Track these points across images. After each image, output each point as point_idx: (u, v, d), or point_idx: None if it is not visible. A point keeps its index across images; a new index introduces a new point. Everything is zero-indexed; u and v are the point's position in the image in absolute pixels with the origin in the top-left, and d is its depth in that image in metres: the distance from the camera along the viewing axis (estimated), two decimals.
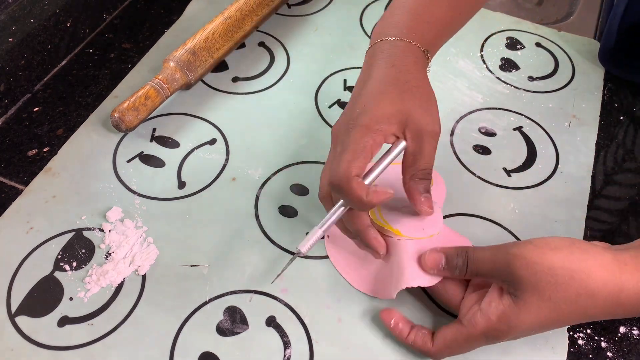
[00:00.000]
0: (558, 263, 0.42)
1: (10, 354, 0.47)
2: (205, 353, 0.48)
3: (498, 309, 0.44)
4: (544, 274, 0.42)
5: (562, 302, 0.42)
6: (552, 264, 0.42)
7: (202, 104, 0.66)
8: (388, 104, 0.48)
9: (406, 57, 0.50)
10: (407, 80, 0.49)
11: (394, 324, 0.49)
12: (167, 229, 0.55)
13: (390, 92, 0.48)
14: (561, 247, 0.44)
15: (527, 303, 0.43)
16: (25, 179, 0.58)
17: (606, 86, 0.71)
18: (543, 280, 0.42)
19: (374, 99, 0.48)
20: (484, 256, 0.46)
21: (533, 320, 0.43)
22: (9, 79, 0.63)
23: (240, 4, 0.69)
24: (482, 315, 0.45)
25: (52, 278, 0.52)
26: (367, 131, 0.47)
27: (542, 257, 0.43)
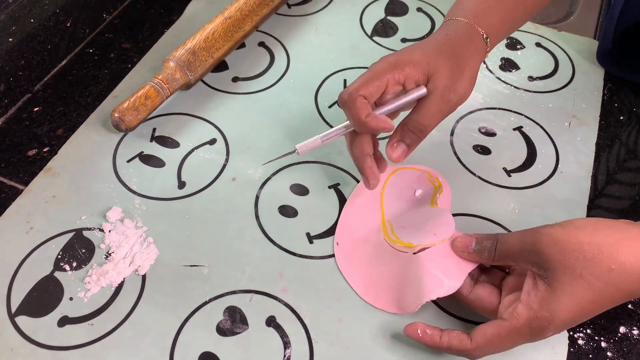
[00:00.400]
0: (585, 239, 0.43)
1: (10, 354, 0.47)
2: (205, 353, 0.48)
3: (537, 297, 0.43)
4: (571, 251, 0.42)
5: (595, 278, 0.42)
6: (578, 239, 0.43)
7: (202, 104, 0.66)
8: (421, 53, 0.50)
9: (462, 33, 0.53)
10: (451, 46, 0.52)
11: (422, 333, 0.47)
12: (167, 229, 0.55)
13: (430, 46, 0.51)
14: (586, 225, 0.44)
15: (560, 283, 0.42)
16: (25, 179, 0.58)
17: (606, 86, 0.71)
18: (571, 257, 0.42)
19: (412, 47, 0.52)
20: (512, 238, 0.47)
21: (571, 303, 0.43)
22: (9, 79, 0.63)
23: (240, 4, 0.69)
24: (523, 305, 0.44)
25: (52, 278, 0.52)
26: (389, 66, 0.50)
27: (568, 234, 0.43)
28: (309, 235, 0.56)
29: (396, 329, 0.50)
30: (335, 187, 0.60)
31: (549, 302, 0.43)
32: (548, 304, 0.43)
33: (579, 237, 0.43)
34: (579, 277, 0.42)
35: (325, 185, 0.60)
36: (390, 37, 0.76)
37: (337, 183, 0.60)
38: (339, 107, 0.52)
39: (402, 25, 0.77)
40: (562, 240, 0.43)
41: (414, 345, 0.50)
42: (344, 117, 0.66)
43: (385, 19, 0.78)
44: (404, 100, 0.51)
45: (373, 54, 0.73)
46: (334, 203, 0.59)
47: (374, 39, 0.75)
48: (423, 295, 0.48)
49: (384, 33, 0.76)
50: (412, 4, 0.80)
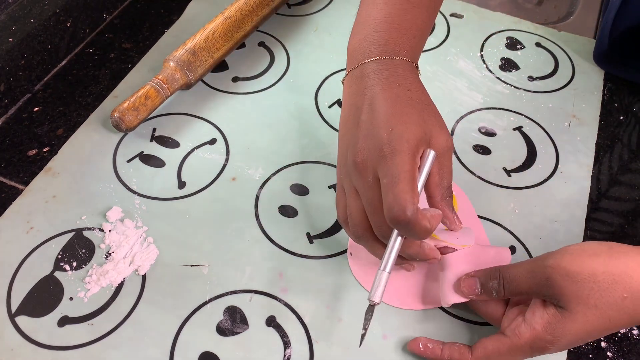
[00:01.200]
0: (599, 269, 0.42)
1: (10, 354, 0.47)
2: (205, 353, 0.48)
3: (543, 319, 0.43)
4: (586, 282, 0.42)
5: (608, 307, 0.41)
6: (592, 270, 0.42)
7: (202, 104, 0.66)
8: (415, 126, 0.45)
9: (407, 75, 0.48)
10: (419, 99, 0.47)
11: (423, 347, 0.47)
12: (167, 229, 0.55)
13: (411, 113, 0.46)
14: (599, 253, 0.43)
15: (572, 313, 0.42)
16: (25, 179, 0.58)
17: (606, 86, 0.71)
18: (586, 288, 0.42)
19: (399, 122, 0.45)
20: (519, 274, 0.45)
21: (580, 330, 0.42)
22: (9, 79, 0.63)
23: (240, 4, 0.69)
24: (526, 325, 0.44)
25: (52, 278, 0.52)
26: (409, 156, 0.44)
27: (581, 265, 0.42)
28: (309, 235, 0.56)
29: (396, 329, 0.50)
30: (335, 187, 0.60)
31: (555, 327, 0.43)
32: (554, 329, 0.43)
33: (593, 266, 0.42)
34: (593, 307, 0.42)
35: (325, 185, 0.60)
36: None
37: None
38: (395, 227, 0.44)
39: None
40: (574, 272, 0.42)
41: None
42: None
43: None
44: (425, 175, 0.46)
45: None
46: (334, 203, 0.58)
47: None
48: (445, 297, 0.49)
49: None
50: None
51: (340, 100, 0.68)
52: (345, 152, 0.48)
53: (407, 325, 0.51)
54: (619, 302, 0.41)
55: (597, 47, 0.72)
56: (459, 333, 0.50)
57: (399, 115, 0.45)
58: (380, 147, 0.44)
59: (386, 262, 0.45)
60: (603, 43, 0.71)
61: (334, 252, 0.55)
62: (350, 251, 0.55)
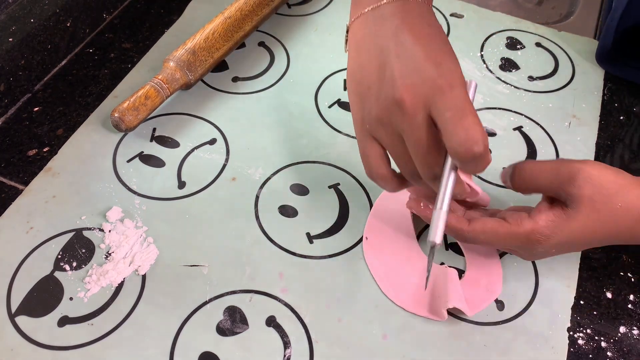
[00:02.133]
0: (610, 177, 0.46)
1: (10, 354, 0.47)
2: (205, 353, 0.48)
3: (547, 216, 0.46)
4: (600, 187, 0.45)
5: (607, 213, 0.45)
6: (607, 177, 0.46)
7: (202, 104, 0.66)
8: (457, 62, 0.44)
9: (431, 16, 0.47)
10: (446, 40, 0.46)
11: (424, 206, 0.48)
12: (167, 229, 0.55)
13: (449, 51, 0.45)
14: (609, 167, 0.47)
15: (577, 212, 0.45)
16: (25, 179, 0.58)
17: (606, 86, 0.71)
18: (598, 192, 0.45)
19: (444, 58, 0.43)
20: (544, 167, 0.47)
21: (576, 230, 0.45)
22: (9, 79, 0.63)
23: (240, 4, 0.69)
24: (529, 219, 0.46)
25: (52, 278, 0.52)
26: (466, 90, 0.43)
27: (599, 171, 0.46)
28: (309, 235, 0.56)
29: (396, 329, 0.50)
30: (335, 187, 0.60)
31: (557, 225, 0.45)
32: (555, 225, 0.45)
33: (607, 175, 0.46)
34: (596, 211, 0.45)
35: (325, 185, 0.60)
36: None
37: (337, 183, 0.60)
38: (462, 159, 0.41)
39: None
40: (595, 176, 0.45)
41: (414, 345, 0.50)
42: (344, 117, 0.66)
43: None
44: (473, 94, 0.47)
45: None
46: (334, 203, 0.59)
47: None
48: (446, 303, 0.49)
49: None
50: None
51: (340, 99, 0.68)
52: (374, 98, 0.45)
53: (408, 325, 0.51)
54: (615, 209, 0.45)
55: (600, 47, 0.72)
56: (459, 333, 0.50)
57: (441, 52, 0.44)
58: (434, 81, 0.42)
59: (442, 200, 0.44)
60: (606, 43, 0.71)
61: (334, 252, 0.55)
62: (367, 235, 0.55)
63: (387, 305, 0.52)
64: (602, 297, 0.54)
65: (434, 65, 0.42)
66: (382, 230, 0.56)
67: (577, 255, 0.56)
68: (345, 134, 0.64)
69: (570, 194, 0.46)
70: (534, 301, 0.53)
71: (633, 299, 0.54)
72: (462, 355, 0.49)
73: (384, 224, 0.56)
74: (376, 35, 0.46)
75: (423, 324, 0.51)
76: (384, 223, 0.56)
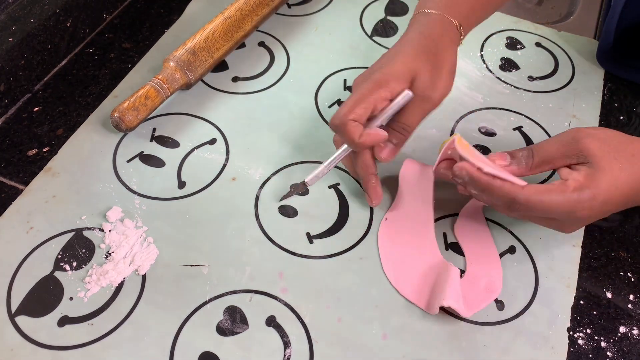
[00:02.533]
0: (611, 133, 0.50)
1: (10, 353, 0.47)
2: (205, 353, 0.48)
3: (581, 174, 0.48)
4: (605, 142, 0.49)
5: (625, 160, 0.48)
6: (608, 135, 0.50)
7: (202, 104, 0.66)
8: (400, 63, 0.53)
9: (435, 27, 0.55)
10: (427, 45, 0.54)
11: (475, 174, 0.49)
12: (167, 229, 0.55)
13: (407, 52, 0.54)
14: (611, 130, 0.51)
15: (600, 164, 0.48)
16: (25, 179, 0.58)
17: (606, 86, 0.71)
18: (606, 145, 0.48)
19: (390, 58, 0.54)
20: (547, 143, 0.51)
21: (610, 180, 0.47)
22: (9, 79, 0.63)
23: (240, 4, 0.69)
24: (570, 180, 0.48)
25: (52, 278, 0.52)
26: (375, 85, 0.52)
27: (598, 130, 0.51)
28: (309, 235, 0.56)
29: (396, 329, 0.50)
30: (335, 187, 0.60)
31: (593, 176, 0.47)
32: (592, 177, 0.47)
33: (608, 133, 0.50)
34: (613, 160, 0.48)
35: (325, 185, 0.60)
36: (390, 37, 0.76)
37: (337, 183, 0.60)
38: (332, 130, 0.54)
39: (402, 25, 0.77)
40: (596, 134, 0.49)
41: (414, 345, 0.50)
42: None
43: (385, 19, 0.78)
44: (393, 110, 0.54)
45: (373, 54, 0.73)
46: (334, 203, 0.59)
47: (374, 39, 0.75)
48: (440, 301, 0.50)
49: (384, 33, 0.76)
50: (412, 4, 0.80)
51: (340, 99, 0.68)
52: None
53: (408, 325, 0.51)
54: (631, 157, 0.48)
55: (601, 47, 0.72)
56: (459, 333, 0.50)
57: (395, 54, 0.54)
58: (365, 77, 0.54)
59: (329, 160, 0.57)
60: (607, 42, 0.71)
61: (334, 252, 0.55)
62: (387, 216, 0.57)
63: (387, 305, 0.52)
64: (602, 297, 0.54)
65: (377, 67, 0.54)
66: (403, 216, 0.57)
67: (577, 255, 0.56)
68: None
69: (582, 153, 0.49)
70: (534, 301, 0.53)
71: (633, 298, 0.54)
72: (462, 355, 0.49)
73: (405, 211, 0.57)
74: None
75: (423, 324, 0.51)
76: (406, 210, 0.57)
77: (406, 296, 0.52)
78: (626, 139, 0.50)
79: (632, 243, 0.58)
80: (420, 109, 0.54)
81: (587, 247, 0.57)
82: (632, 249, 0.57)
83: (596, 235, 0.58)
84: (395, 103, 0.54)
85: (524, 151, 0.52)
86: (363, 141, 0.52)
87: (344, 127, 0.52)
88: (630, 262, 0.56)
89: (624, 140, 0.50)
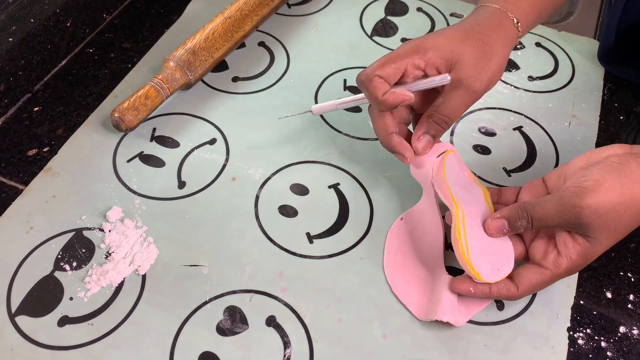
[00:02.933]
0: (616, 200, 0.46)
1: (10, 353, 0.47)
2: (205, 353, 0.48)
3: (576, 249, 0.48)
4: (608, 214, 0.46)
5: (624, 229, 0.48)
6: (612, 203, 0.46)
7: (202, 103, 0.66)
8: (444, 39, 0.51)
9: (492, 18, 0.53)
10: (479, 31, 0.52)
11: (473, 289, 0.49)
12: (167, 228, 0.55)
13: (455, 32, 0.52)
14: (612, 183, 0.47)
15: (599, 240, 0.47)
16: (25, 179, 0.58)
17: (606, 86, 0.71)
18: (609, 218, 0.47)
19: (436, 33, 0.52)
20: (548, 212, 0.48)
21: (604, 250, 0.48)
22: (9, 78, 0.63)
23: (240, 4, 0.69)
24: (563, 257, 0.48)
25: (52, 278, 0.52)
26: (410, 50, 0.51)
27: (603, 200, 0.46)
28: (309, 235, 0.56)
29: (396, 329, 0.50)
30: (335, 187, 0.60)
31: (587, 253, 0.48)
32: (586, 255, 0.48)
33: (611, 199, 0.46)
34: (613, 232, 0.47)
35: (325, 185, 0.60)
36: (390, 37, 0.76)
37: (337, 183, 0.60)
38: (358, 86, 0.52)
39: (402, 25, 0.77)
40: (599, 207, 0.46)
41: (414, 345, 0.50)
42: (344, 117, 0.66)
43: (385, 19, 0.78)
44: (424, 82, 0.52)
45: (373, 54, 0.73)
46: (334, 203, 0.59)
47: (374, 38, 0.75)
48: (435, 313, 0.49)
49: (384, 33, 0.76)
50: (412, 4, 0.80)
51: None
52: None
53: (408, 326, 0.51)
54: (630, 222, 0.48)
55: (602, 46, 0.72)
56: (459, 333, 0.50)
57: (444, 30, 0.53)
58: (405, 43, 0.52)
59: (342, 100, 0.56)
60: (608, 42, 0.71)
61: (334, 252, 0.55)
62: (403, 216, 0.57)
63: (387, 305, 0.52)
64: (602, 297, 0.54)
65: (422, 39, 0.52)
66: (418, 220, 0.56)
67: None
68: (345, 134, 0.64)
69: (583, 230, 0.47)
70: (534, 301, 0.53)
71: (633, 298, 0.54)
72: (462, 355, 0.49)
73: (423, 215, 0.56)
74: None
75: (423, 323, 0.51)
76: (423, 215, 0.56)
77: (397, 295, 0.52)
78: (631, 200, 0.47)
79: (632, 241, 0.58)
80: (463, 102, 0.52)
81: None
82: (632, 249, 0.57)
83: None
84: (430, 80, 0.51)
85: (523, 221, 0.49)
86: (386, 98, 0.50)
87: (369, 82, 0.50)
88: (630, 262, 0.56)
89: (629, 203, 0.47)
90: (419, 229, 0.56)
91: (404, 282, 0.53)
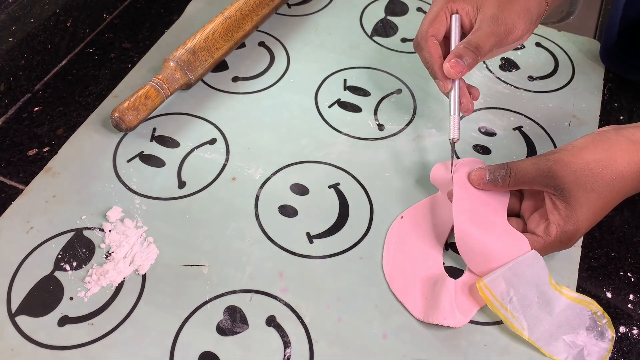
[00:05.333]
0: (590, 157, 0.49)
1: (10, 353, 0.47)
2: (205, 353, 0.48)
3: (561, 215, 0.50)
4: (581, 170, 0.49)
5: (603, 188, 0.49)
6: (585, 159, 0.49)
7: (202, 103, 0.66)
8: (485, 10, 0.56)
9: None
10: None
11: None
12: (167, 228, 0.55)
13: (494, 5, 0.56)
14: (587, 144, 0.50)
15: (576, 199, 0.49)
16: (25, 179, 0.58)
17: (606, 86, 0.71)
18: (582, 175, 0.49)
19: None
20: (525, 165, 0.51)
21: (589, 213, 0.49)
22: (9, 78, 0.63)
23: (240, 4, 0.69)
24: (552, 224, 0.50)
25: (52, 278, 0.52)
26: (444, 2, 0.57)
27: (575, 157, 0.49)
28: (309, 235, 0.56)
29: (396, 329, 0.50)
30: (335, 187, 0.60)
31: (571, 217, 0.49)
32: (570, 218, 0.49)
33: (585, 157, 0.49)
34: (590, 191, 0.49)
35: (325, 185, 0.60)
36: (390, 37, 0.76)
37: (337, 183, 0.60)
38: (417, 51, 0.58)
39: (402, 25, 0.77)
40: (572, 162, 0.49)
41: (414, 345, 0.50)
42: (344, 117, 0.66)
43: (385, 18, 0.78)
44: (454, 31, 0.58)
45: (373, 54, 0.73)
46: (334, 203, 0.59)
47: (374, 38, 0.75)
48: (437, 317, 0.50)
49: (384, 33, 0.76)
50: (412, 4, 0.80)
51: (339, 99, 0.68)
52: None
53: (408, 325, 0.51)
54: (610, 182, 0.49)
55: (604, 44, 0.72)
56: (459, 333, 0.50)
57: None
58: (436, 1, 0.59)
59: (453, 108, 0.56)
60: (610, 39, 0.71)
61: (334, 252, 0.55)
62: (403, 215, 0.57)
63: (387, 305, 0.52)
64: (602, 297, 0.54)
65: None
66: (420, 218, 0.57)
67: (577, 255, 0.56)
68: (345, 134, 0.65)
69: (556, 187, 0.49)
70: None
71: (633, 298, 0.54)
72: (462, 355, 0.49)
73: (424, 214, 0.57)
74: None
75: (423, 323, 0.51)
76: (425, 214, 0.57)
77: (395, 292, 0.52)
78: (608, 159, 0.49)
79: (632, 243, 0.58)
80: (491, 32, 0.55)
81: (587, 247, 0.57)
82: (632, 248, 0.57)
83: (596, 235, 0.58)
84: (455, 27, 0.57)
85: (502, 171, 0.52)
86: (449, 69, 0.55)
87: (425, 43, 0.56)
88: (630, 262, 0.56)
89: (606, 162, 0.49)
90: (420, 229, 0.56)
91: (403, 279, 0.53)
